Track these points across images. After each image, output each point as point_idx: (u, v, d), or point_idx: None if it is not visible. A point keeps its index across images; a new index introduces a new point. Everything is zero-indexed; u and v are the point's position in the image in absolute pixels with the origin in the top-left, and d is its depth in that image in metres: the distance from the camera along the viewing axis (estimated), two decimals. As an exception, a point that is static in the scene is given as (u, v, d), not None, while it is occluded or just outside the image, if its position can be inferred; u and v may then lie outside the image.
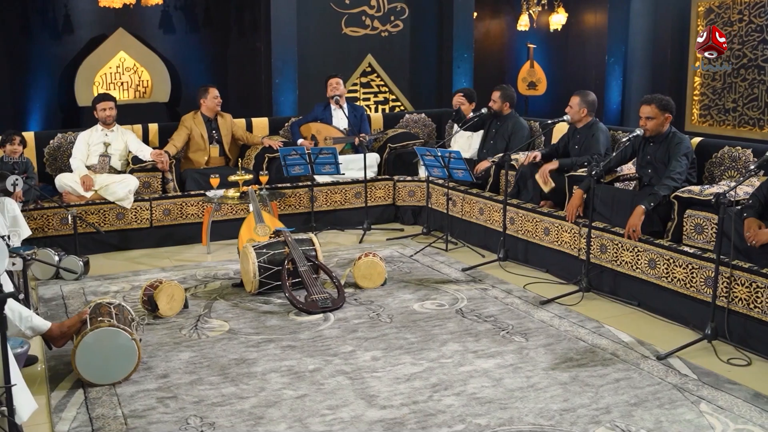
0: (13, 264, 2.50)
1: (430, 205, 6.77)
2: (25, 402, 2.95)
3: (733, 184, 4.23)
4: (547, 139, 6.46)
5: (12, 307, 3.73)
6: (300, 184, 6.91)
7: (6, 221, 5.52)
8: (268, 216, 5.84)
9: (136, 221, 6.46)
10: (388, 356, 4.05)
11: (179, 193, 6.63)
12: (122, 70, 9.88)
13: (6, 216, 5.55)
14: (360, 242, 6.57)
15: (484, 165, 6.38)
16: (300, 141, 7.25)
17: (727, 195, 3.89)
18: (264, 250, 5.10)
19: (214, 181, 6.22)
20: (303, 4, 9.17)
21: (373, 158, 7.32)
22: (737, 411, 3.33)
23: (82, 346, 3.69)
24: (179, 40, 10.12)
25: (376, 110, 9.85)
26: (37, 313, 4.48)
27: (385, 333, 4.39)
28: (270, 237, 5.39)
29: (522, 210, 5.71)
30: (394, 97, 10.11)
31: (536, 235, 5.57)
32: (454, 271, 5.62)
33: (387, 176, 7.31)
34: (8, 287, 4.36)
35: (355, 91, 9.93)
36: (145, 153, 6.63)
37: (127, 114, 7.38)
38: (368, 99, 10.00)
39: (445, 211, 6.27)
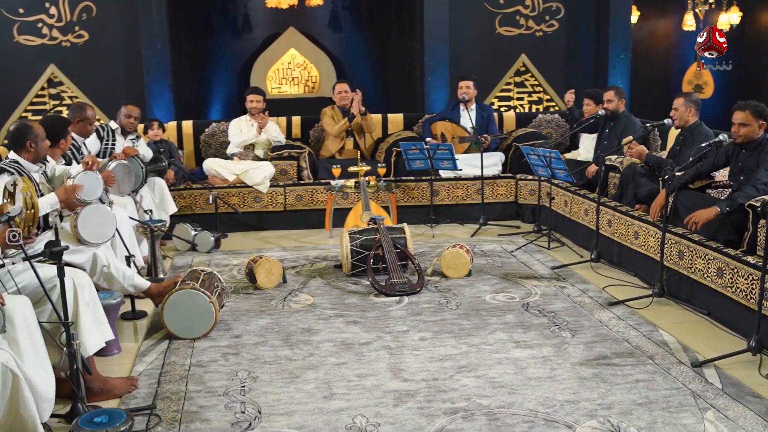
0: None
1: (542, 203, 6.90)
2: (92, 339, 3.63)
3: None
4: (662, 143, 6.37)
5: (117, 267, 4.51)
6: (423, 178, 7.31)
7: (155, 198, 6.45)
8: (375, 205, 6.32)
9: (271, 204, 7.21)
10: (435, 338, 4.38)
11: (310, 181, 7.29)
12: (293, 66, 10.82)
13: (155, 193, 6.48)
14: (472, 236, 6.86)
15: (594, 168, 6.42)
16: (427, 138, 7.64)
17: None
18: (357, 236, 5.59)
19: (336, 171, 6.79)
20: (456, 4, 9.54)
21: (498, 157, 7.56)
22: (742, 422, 3.32)
23: (168, 304, 4.38)
24: (346, 38, 10.89)
25: (530, 110, 10.00)
26: (164, 278, 5.30)
27: (445, 318, 4.71)
28: (368, 224, 5.86)
29: (617, 213, 5.74)
30: (548, 97, 10.20)
31: (627, 239, 5.59)
32: (545, 268, 5.77)
33: (510, 174, 7.52)
34: (137, 254, 5.21)
35: (509, 90, 10.15)
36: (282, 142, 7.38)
37: (296, 107, 8.12)
38: (522, 98, 10.18)
39: (558, 211, 6.41)
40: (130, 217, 5.53)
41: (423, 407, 3.52)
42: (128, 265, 4.79)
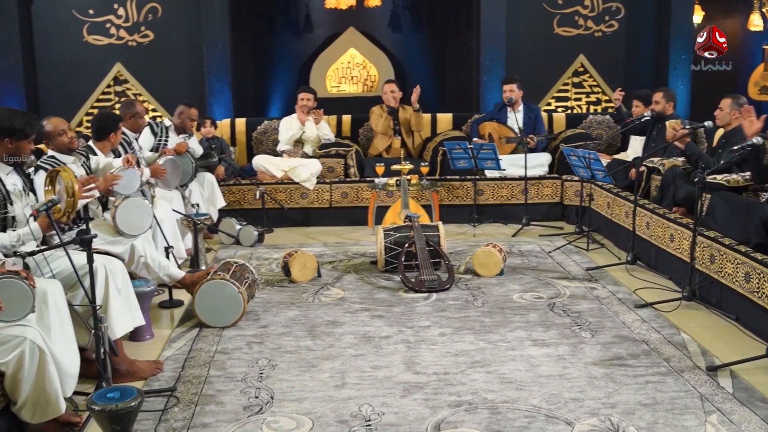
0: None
1: (585, 205, 6.86)
2: (121, 323, 3.85)
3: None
4: (708, 145, 6.25)
5: (153, 257, 4.75)
6: (468, 177, 7.36)
7: (204, 192, 6.71)
8: (414, 203, 6.41)
9: (317, 201, 7.39)
10: (455, 334, 4.46)
11: (356, 179, 7.43)
12: (352, 65, 10.98)
13: (205, 188, 6.74)
14: (513, 236, 6.88)
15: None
16: (474, 139, 7.69)
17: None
18: (392, 233, 5.70)
19: (380, 169, 6.91)
20: (514, 4, 9.54)
21: (544, 158, 7.55)
22: (745, 427, 3.29)
23: (199, 293, 4.59)
24: (405, 38, 10.98)
25: (588, 110, 9.91)
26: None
27: (468, 315, 4.78)
28: (404, 222, 5.96)
29: (655, 215, 5.68)
30: (606, 98, 10.09)
31: (663, 241, 5.53)
32: (579, 269, 5.76)
33: (556, 175, 7.50)
34: (176, 242, 5.45)
35: (566, 90, 10.08)
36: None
37: (355, 105, 8.27)
38: (579, 99, 10.10)
39: (601, 213, 6.38)
40: (175, 210, 5.78)
41: (429, 399, 3.61)
42: (167, 256, 5.03)
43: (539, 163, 7.49)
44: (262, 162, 7.45)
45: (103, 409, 2.93)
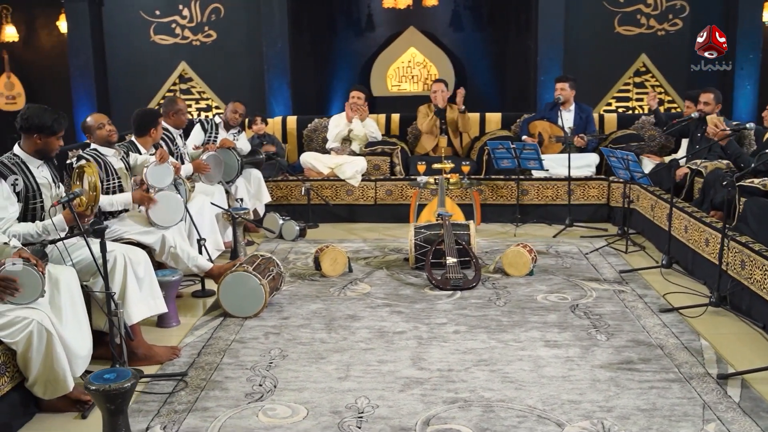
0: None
1: (631, 206, 6.73)
2: (137, 309, 4.04)
3: None
4: (759, 148, 6.05)
5: (183, 248, 4.94)
6: (512, 177, 7.32)
7: (251, 188, 6.90)
8: (450, 202, 6.44)
9: (362, 198, 7.50)
10: (468, 332, 4.47)
11: (401, 177, 7.50)
12: (413, 64, 11.03)
13: (252, 183, 6.94)
14: (554, 236, 6.81)
15: (682, 171, 6.20)
16: (524, 137, 7.64)
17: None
18: (423, 230, 5.75)
19: (421, 167, 6.95)
20: (573, 3, 9.41)
21: (592, 158, 7.44)
22: (742, 436, 3.21)
23: (224, 284, 4.75)
24: (466, 37, 10.97)
25: (648, 112, 9.67)
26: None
27: (487, 314, 4.78)
28: (436, 220, 5.99)
29: (692, 219, 5.53)
30: (669, 98, 9.84)
31: (699, 245, 5.38)
32: (612, 272, 5.67)
33: (602, 176, 7.37)
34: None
35: (627, 90, 9.89)
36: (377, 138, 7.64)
37: (416, 104, 8.32)
38: (641, 99, 9.88)
39: (645, 215, 6.25)
40: (214, 204, 5.97)
41: (426, 394, 3.65)
42: (200, 248, 5.22)
43: (586, 163, 7.38)
44: (309, 159, 7.61)
45: (98, 389, 3.09)
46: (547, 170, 7.11)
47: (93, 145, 4.93)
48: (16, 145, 4.06)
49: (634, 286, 5.32)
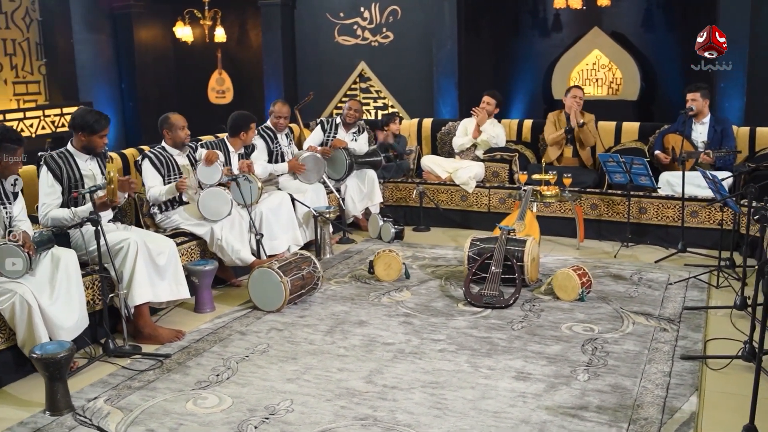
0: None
1: (736, 231, 5.97)
2: (141, 293, 4.54)
3: None
4: None
5: (228, 241, 5.41)
6: (633, 193, 6.79)
7: (364, 188, 7.19)
8: (531, 215, 6.20)
9: (476, 204, 7.45)
10: (453, 353, 4.37)
11: (516, 185, 7.31)
12: (597, 67, 10.53)
13: (365, 183, 7.23)
14: (657, 261, 6.26)
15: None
16: (656, 152, 7.05)
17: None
18: (478, 243, 5.65)
19: (522, 177, 6.75)
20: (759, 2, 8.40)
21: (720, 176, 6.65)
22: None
23: (252, 278, 5.13)
24: (657, 38, 10.22)
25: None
26: (322, 259, 6.09)
27: (490, 336, 4.63)
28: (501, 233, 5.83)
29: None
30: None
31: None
32: (676, 307, 5.13)
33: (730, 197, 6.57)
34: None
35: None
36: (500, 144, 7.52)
37: (599, 108, 8.07)
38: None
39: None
40: (299, 202, 6.34)
41: (346, 407, 3.72)
42: (257, 244, 5.64)
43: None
44: (428, 162, 7.70)
45: (36, 357, 3.62)
46: (660, 187, 6.52)
47: (163, 144, 5.54)
48: (70, 141, 4.78)
49: (685, 326, 4.78)
